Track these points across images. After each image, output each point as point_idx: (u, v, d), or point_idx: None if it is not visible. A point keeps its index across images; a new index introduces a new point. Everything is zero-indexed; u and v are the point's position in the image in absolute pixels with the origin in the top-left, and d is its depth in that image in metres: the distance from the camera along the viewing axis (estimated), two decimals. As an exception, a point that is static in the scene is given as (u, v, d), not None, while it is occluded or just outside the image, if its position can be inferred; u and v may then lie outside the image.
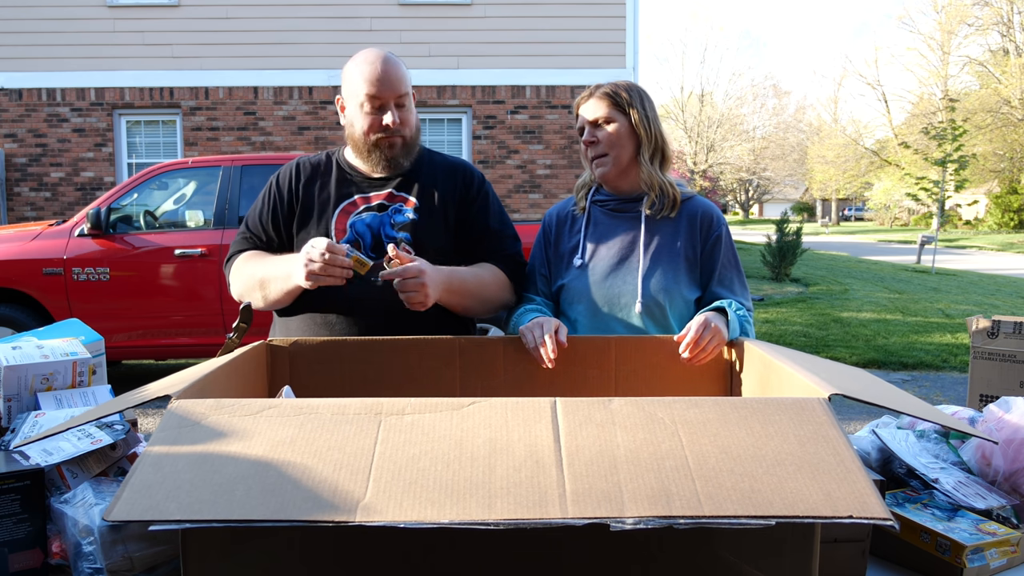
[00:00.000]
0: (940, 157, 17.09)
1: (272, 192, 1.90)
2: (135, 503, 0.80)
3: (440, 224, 1.85)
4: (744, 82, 43.01)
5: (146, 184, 5.77)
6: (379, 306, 1.77)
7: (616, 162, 1.82)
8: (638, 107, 1.82)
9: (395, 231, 1.82)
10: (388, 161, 1.84)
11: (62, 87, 10.34)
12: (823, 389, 1.02)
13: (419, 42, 10.47)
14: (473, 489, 0.81)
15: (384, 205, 1.84)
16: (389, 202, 1.85)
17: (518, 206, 10.57)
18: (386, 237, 1.81)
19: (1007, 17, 32.13)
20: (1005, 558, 1.17)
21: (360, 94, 1.77)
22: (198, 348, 5.50)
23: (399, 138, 1.82)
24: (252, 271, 1.80)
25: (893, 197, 35.69)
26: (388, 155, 1.82)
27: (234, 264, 1.87)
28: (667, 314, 1.79)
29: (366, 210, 1.84)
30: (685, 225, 1.83)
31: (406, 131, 1.82)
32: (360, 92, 1.77)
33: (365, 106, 1.77)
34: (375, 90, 1.75)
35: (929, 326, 8.60)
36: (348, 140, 1.87)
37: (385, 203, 1.85)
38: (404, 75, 1.81)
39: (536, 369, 1.62)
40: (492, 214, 1.93)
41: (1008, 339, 1.86)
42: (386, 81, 1.76)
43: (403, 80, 1.79)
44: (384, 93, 1.76)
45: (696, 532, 0.84)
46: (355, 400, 0.96)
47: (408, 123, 1.82)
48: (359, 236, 1.81)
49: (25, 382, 1.37)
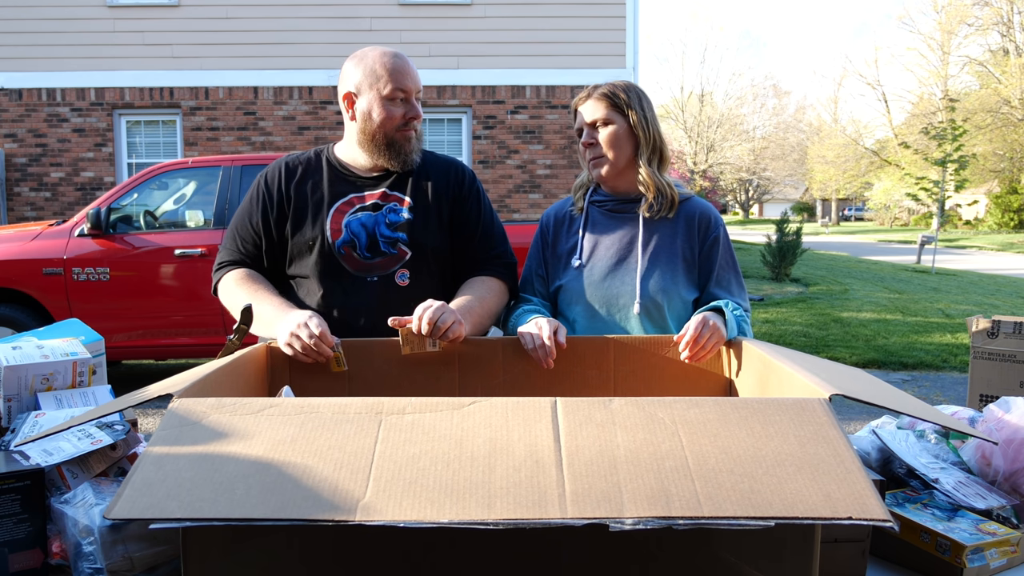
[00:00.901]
0: (940, 157, 17.09)
1: (261, 193, 1.86)
2: (136, 501, 0.80)
3: (435, 223, 1.85)
4: (744, 82, 43.09)
5: (146, 184, 5.77)
6: (379, 306, 1.77)
7: (614, 163, 1.82)
8: (636, 108, 1.81)
9: (391, 231, 1.81)
10: (404, 156, 1.83)
11: (62, 87, 10.34)
12: (823, 389, 1.02)
13: (419, 42, 10.46)
14: (473, 489, 0.81)
15: (379, 204, 1.83)
16: (383, 201, 1.83)
17: (518, 206, 10.57)
18: (381, 237, 1.80)
19: (1007, 17, 32.13)
20: (1005, 558, 1.17)
21: (385, 87, 1.76)
22: (198, 348, 5.50)
23: (413, 132, 1.83)
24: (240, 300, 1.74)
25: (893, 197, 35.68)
26: (407, 149, 1.82)
27: (223, 281, 1.85)
28: (665, 314, 1.79)
29: (361, 209, 1.82)
30: (683, 226, 1.84)
31: (418, 126, 1.84)
32: (385, 84, 1.76)
33: (393, 96, 1.77)
34: (402, 83, 1.77)
35: (929, 326, 8.60)
36: (359, 134, 1.82)
37: (379, 202, 1.83)
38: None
39: (535, 369, 1.62)
40: (484, 211, 1.93)
41: (1008, 339, 1.86)
42: (411, 75, 1.79)
43: (419, 76, 1.84)
44: (409, 86, 1.78)
45: (696, 533, 0.84)
46: (355, 400, 0.97)
47: (419, 117, 1.84)
48: (354, 236, 1.80)
49: (25, 382, 1.37)
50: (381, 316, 1.73)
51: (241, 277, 1.82)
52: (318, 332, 1.55)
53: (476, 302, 1.76)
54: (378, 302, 1.78)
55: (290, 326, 1.57)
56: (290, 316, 1.61)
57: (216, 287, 1.88)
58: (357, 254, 1.79)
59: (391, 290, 1.79)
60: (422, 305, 1.58)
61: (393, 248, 1.80)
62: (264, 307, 1.70)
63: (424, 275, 1.82)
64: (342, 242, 1.79)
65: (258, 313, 1.69)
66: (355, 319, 1.78)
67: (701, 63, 56.34)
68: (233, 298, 1.79)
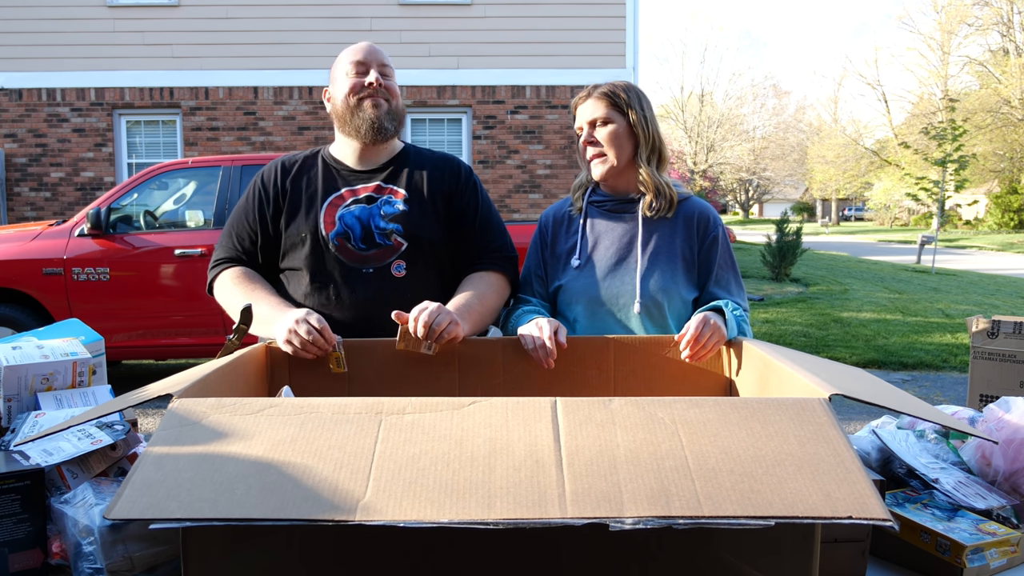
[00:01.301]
0: (940, 157, 17.07)
1: (258, 190, 1.89)
2: (136, 501, 0.80)
3: (431, 215, 1.85)
4: (744, 82, 43.13)
5: (146, 184, 5.76)
6: (375, 299, 1.77)
7: (614, 162, 1.83)
8: (636, 108, 1.82)
9: (385, 223, 1.81)
10: (372, 123, 1.82)
11: (62, 87, 10.34)
12: (823, 389, 1.02)
13: (419, 42, 10.46)
14: (473, 489, 0.81)
15: (372, 197, 1.84)
16: (377, 194, 1.84)
17: (518, 206, 10.57)
18: (376, 229, 1.80)
19: (1007, 17, 32.13)
20: (1005, 558, 1.17)
21: (345, 63, 1.84)
22: (198, 348, 5.50)
23: (383, 100, 1.83)
24: (237, 300, 1.74)
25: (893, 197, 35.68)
26: (372, 116, 1.81)
27: (219, 279, 1.85)
28: (665, 314, 1.79)
29: (354, 202, 1.83)
30: (682, 226, 1.84)
31: (391, 98, 1.86)
32: (345, 62, 1.85)
33: (349, 72, 1.83)
34: (360, 56, 1.84)
35: (929, 326, 8.60)
36: (336, 121, 1.88)
37: (373, 195, 1.84)
38: (386, 56, 1.89)
39: (535, 369, 1.62)
40: (481, 205, 1.93)
41: (1008, 339, 1.86)
42: (371, 51, 1.86)
43: (386, 56, 1.88)
44: (368, 59, 1.84)
45: (696, 532, 0.84)
46: (355, 400, 0.97)
47: (392, 91, 1.86)
48: (348, 228, 1.80)
49: (25, 382, 1.37)
50: (378, 307, 1.73)
51: (238, 276, 1.82)
52: (318, 327, 1.55)
53: (476, 299, 1.75)
54: (374, 293, 1.78)
55: (288, 323, 1.57)
56: (288, 314, 1.61)
57: (211, 285, 1.88)
58: (352, 245, 1.79)
59: (387, 281, 1.79)
60: (419, 307, 1.57)
61: (388, 239, 1.80)
62: (262, 307, 1.70)
63: (420, 266, 1.82)
64: (336, 234, 1.80)
65: (256, 313, 1.69)
66: (351, 311, 1.78)
67: (701, 63, 56.39)
68: (230, 297, 1.79)
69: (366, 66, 1.83)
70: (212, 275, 1.88)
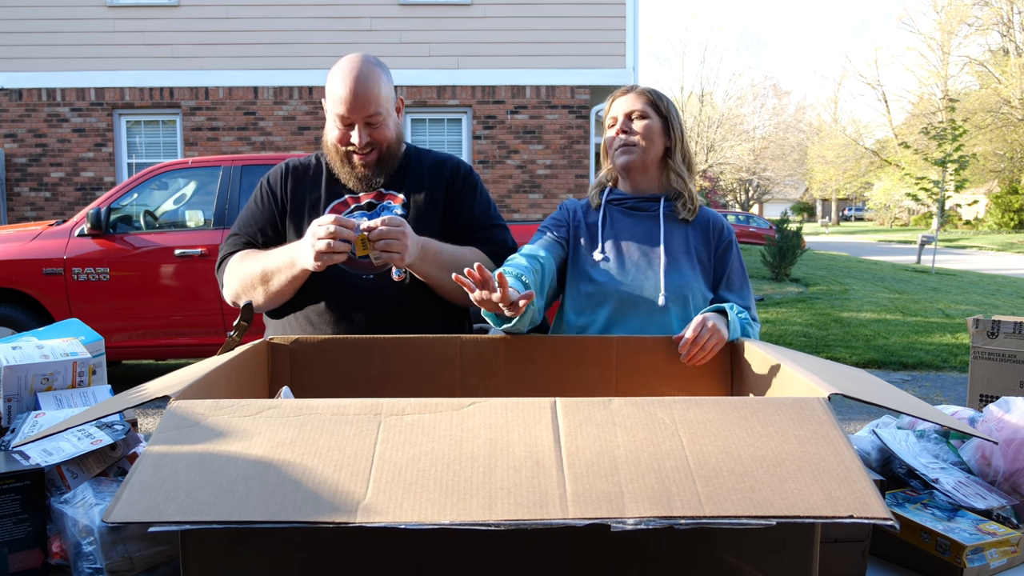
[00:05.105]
0: (940, 157, 17.08)
1: (264, 193, 1.91)
2: (134, 504, 0.79)
3: (430, 219, 1.86)
4: (744, 82, 42.99)
5: (146, 184, 5.76)
6: (375, 304, 1.78)
7: (644, 154, 1.86)
8: (673, 114, 1.89)
9: None
10: (360, 179, 1.84)
11: (62, 87, 10.34)
12: (823, 389, 1.02)
13: (419, 42, 10.46)
14: (473, 490, 0.81)
15: (373, 204, 1.86)
16: (378, 200, 1.87)
17: (518, 206, 10.56)
18: None
19: (1007, 17, 32.13)
20: (1005, 558, 1.17)
21: (330, 110, 1.79)
22: (198, 348, 5.50)
23: (374, 153, 1.82)
24: (251, 267, 1.78)
25: (893, 197, 35.70)
26: (360, 173, 1.83)
27: (228, 265, 1.85)
28: (690, 309, 1.81)
29: (356, 209, 1.85)
30: (699, 230, 1.90)
31: (381, 146, 1.82)
32: (330, 108, 1.79)
33: (336, 122, 1.79)
34: (343, 110, 1.75)
35: (929, 326, 8.60)
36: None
37: (374, 201, 1.87)
38: (376, 91, 1.75)
39: (536, 369, 1.61)
40: (479, 203, 1.93)
41: (1008, 339, 1.86)
42: (353, 103, 1.73)
43: (373, 99, 1.75)
44: (352, 115, 1.75)
45: (696, 532, 0.84)
46: (355, 400, 0.96)
47: (382, 139, 1.80)
48: None
49: (25, 382, 1.37)
50: (378, 313, 1.74)
51: (243, 254, 1.84)
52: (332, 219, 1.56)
53: (448, 247, 1.78)
54: (375, 299, 1.79)
55: (307, 237, 1.60)
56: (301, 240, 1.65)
57: (222, 280, 1.88)
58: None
59: (387, 287, 1.80)
60: (390, 217, 1.60)
61: None
62: (277, 252, 1.75)
63: None
64: None
65: (274, 261, 1.73)
66: (353, 316, 1.79)
67: (701, 63, 56.18)
68: (245, 267, 1.80)
69: (350, 120, 1.77)
70: (219, 272, 1.89)
